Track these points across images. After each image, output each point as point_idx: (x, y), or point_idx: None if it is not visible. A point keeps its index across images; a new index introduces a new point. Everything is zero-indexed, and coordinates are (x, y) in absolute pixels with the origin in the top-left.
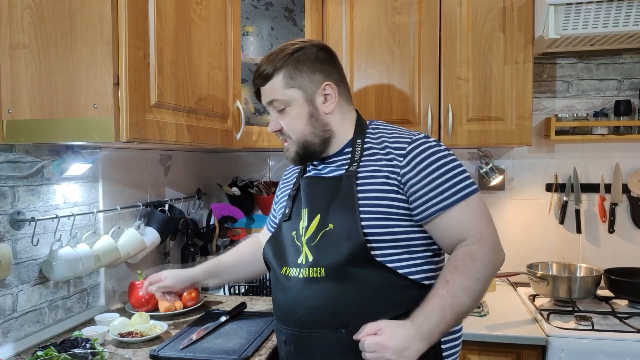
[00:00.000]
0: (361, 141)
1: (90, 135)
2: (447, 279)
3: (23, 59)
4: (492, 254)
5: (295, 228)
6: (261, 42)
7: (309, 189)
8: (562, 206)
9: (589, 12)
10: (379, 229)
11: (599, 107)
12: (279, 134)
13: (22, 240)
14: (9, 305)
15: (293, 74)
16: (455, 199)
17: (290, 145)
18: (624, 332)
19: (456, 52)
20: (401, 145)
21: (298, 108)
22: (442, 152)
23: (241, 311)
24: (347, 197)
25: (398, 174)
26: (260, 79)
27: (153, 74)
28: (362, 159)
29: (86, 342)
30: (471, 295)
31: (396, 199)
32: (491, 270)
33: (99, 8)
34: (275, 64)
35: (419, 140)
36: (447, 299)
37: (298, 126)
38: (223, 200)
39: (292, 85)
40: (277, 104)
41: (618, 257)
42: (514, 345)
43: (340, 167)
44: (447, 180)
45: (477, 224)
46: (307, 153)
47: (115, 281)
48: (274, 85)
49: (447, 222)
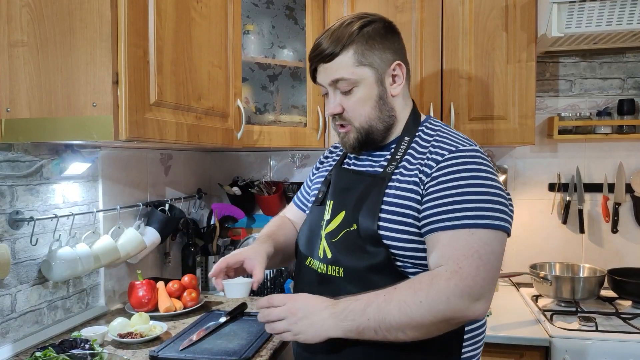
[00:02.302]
0: (409, 139)
1: (89, 134)
2: (396, 286)
3: (22, 57)
4: (457, 294)
5: (322, 217)
6: (262, 40)
7: (340, 181)
8: (565, 206)
9: (592, 10)
10: (398, 242)
11: (602, 106)
12: (337, 118)
13: (21, 240)
14: (8, 305)
15: (365, 50)
16: (461, 223)
17: (349, 132)
18: (628, 333)
19: (458, 50)
20: (442, 152)
21: (367, 89)
22: (482, 172)
23: (242, 312)
24: (374, 200)
25: (423, 182)
26: (324, 55)
27: (153, 72)
28: (403, 158)
29: (85, 343)
30: (403, 312)
31: (416, 209)
32: (442, 307)
33: (98, 6)
34: (344, 39)
35: (463, 151)
36: (381, 299)
37: (365, 109)
38: (224, 200)
39: (363, 63)
40: (344, 84)
41: (621, 257)
42: (517, 346)
43: (380, 163)
44: (465, 201)
45: (463, 258)
46: (368, 140)
47: (115, 281)
48: (341, 63)
49: (436, 242)
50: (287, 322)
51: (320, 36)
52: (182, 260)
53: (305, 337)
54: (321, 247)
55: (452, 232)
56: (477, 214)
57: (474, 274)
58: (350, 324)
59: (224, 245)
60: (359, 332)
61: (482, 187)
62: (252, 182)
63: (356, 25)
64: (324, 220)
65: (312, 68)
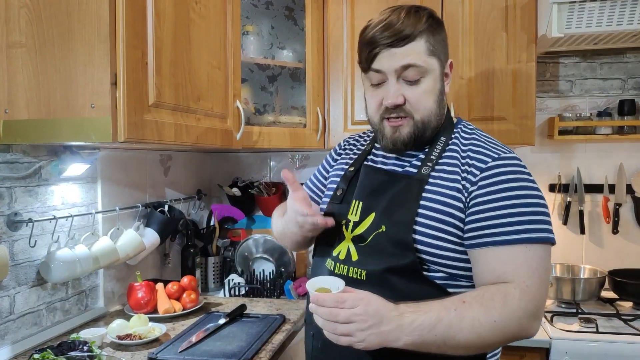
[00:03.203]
0: (445, 139)
1: (87, 135)
2: (465, 300)
3: (20, 58)
4: (527, 314)
5: (344, 216)
6: (261, 41)
7: (370, 181)
8: (566, 207)
9: (592, 10)
10: (432, 248)
11: (603, 106)
12: (392, 110)
13: (20, 242)
14: (6, 307)
15: (434, 41)
16: (514, 238)
17: (403, 126)
18: (628, 334)
19: (458, 51)
20: (484, 158)
21: (433, 81)
22: (527, 182)
23: (241, 313)
24: (409, 203)
25: (467, 190)
26: (399, 37)
27: (151, 73)
28: (439, 160)
29: (83, 345)
30: (475, 332)
31: (458, 218)
32: (514, 328)
33: (96, 7)
34: (420, 25)
35: (506, 159)
36: (452, 316)
37: (429, 102)
38: (223, 201)
39: (434, 53)
40: (414, 71)
41: (622, 258)
42: (517, 348)
43: (412, 164)
44: (516, 214)
45: (528, 276)
46: (420, 137)
47: (114, 283)
48: (414, 49)
49: (492, 258)
50: (354, 326)
51: (385, 18)
52: (181, 262)
53: (364, 345)
54: (344, 248)
55: (508, 248)
56: (531, 228)
57: (539, 294)
58: (415, 338)
59: (223, 247)
60: (420, 346)
61: (531, 197)
62: (252, 183)
63: (424, 13)
64: (349, 221)
65: (374, 52)
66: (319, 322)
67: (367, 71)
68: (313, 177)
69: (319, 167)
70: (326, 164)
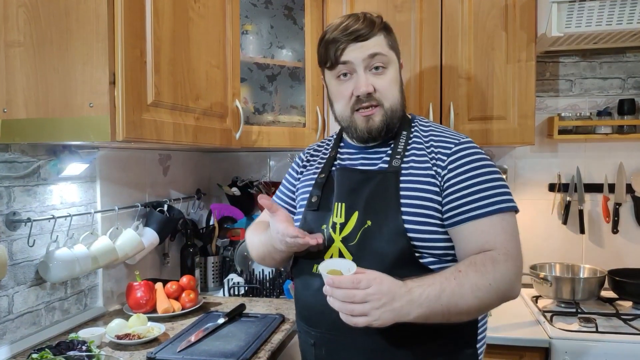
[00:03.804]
0: (407, 133)
1: (86, 134)
2: (460, 269)
3: (18, 57)
4: (514, 274)
5: (325, 222)
6: (260, 40)
7: (346, 181)
8: (565, 206)
9: (592, 9)
10: (420, 233)
11: (603, 106)
12: (365, 98)
13: (18, 241)
14: (5, 307)
15: (390, 39)
16: (490, 210)
17: (376, 113)
18: (628, 334)
19: (458, 50)
20: (447, 145)
21: (395, 72)
22: (486, 160)
23: (240, 313)
24: (390, 195)
25: (440, 175)
26: (360, 34)
27: (150, 72)
28: (405, 153)
29: (82, 345)
30: (475, 296)
31: (436, 201)
32: (505, 288)
33: (94, 5)
34: (376, 25)
35: (466, 142)
36: (453, 284)
37: (395, 91)
38: (223, 200)
39: (391, 46)
40: (380, 59)
41: (622, 258)
42: (517, 348)
43: (381, 159)
44: (487, 189)
45: (507, 241)
46: (390, 125)
47: (113, 282)
48: (378, 40)
49: (474, 231)
50: (370, 305)
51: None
52: (180, 261)
53: (380, 323)
54: (335, 251)
55: (487, 219)
56: (501, 199)
57: (518, 255)
58: (424, 310)
59: (222, 246)
60: (428, 317)
61: (494, 173)
62: (251, 183)
63: (377, 18)
64: (335, 224)
65: (341, 47)
66: (335, 305)
67: (334, 66)
68: (280, 193)
69: (283, 181)
70: (290, 178)
